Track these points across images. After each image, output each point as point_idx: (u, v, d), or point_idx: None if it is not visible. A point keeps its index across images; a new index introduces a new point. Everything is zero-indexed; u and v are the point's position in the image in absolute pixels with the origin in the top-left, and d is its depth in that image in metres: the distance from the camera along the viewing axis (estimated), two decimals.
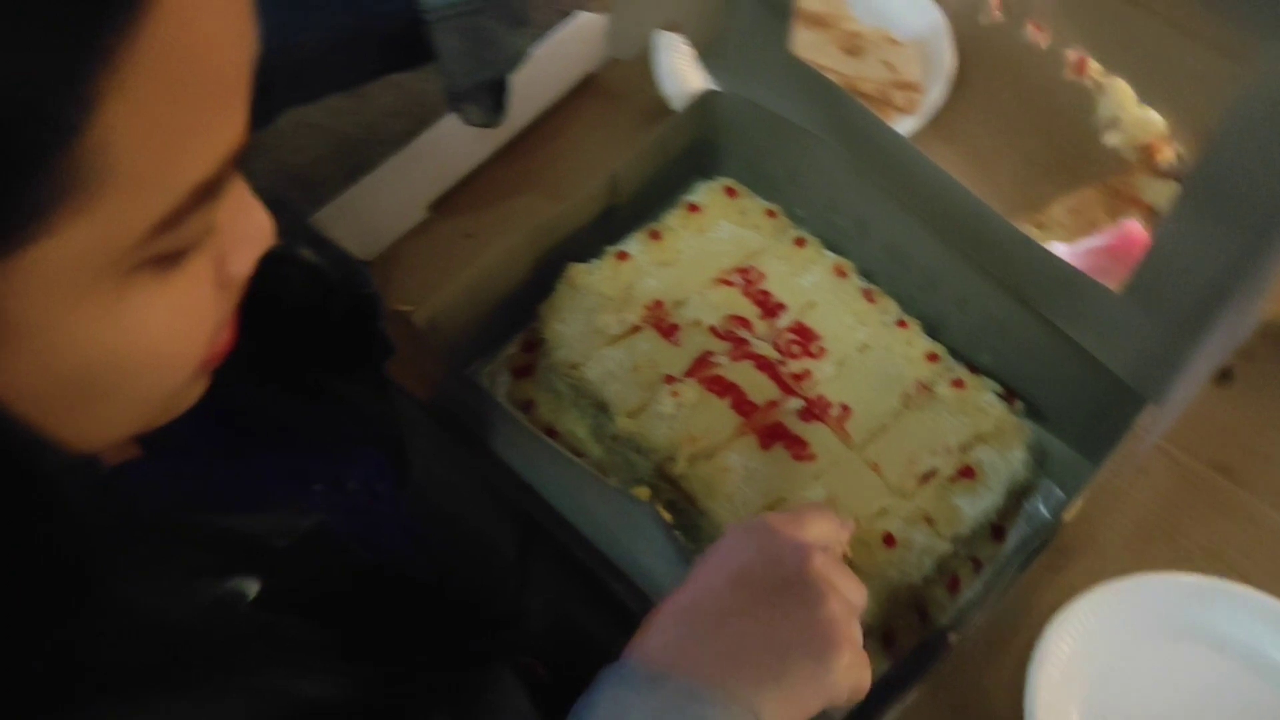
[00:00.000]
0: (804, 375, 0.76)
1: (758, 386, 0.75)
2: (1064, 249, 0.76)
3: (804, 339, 0.77)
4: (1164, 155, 0.86)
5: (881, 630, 0.70)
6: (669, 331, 0.77)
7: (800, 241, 0.82)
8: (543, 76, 0.93)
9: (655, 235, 0.81)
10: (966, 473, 0.72)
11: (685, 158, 0.85)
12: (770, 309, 0.79)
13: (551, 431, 0.77)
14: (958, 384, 0.76)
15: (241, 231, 0.36)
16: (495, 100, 0.74)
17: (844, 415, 0.74)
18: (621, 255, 0.80)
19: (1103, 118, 0.89)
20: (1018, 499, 0.75)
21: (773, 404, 0.74)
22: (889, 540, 0.70)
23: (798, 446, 0.72)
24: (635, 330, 0.77)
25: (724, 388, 0.74)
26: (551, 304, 0.78)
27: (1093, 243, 0.77)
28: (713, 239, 0.82)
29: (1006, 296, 0.74)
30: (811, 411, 0.74)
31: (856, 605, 0.51)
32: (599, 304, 0.77)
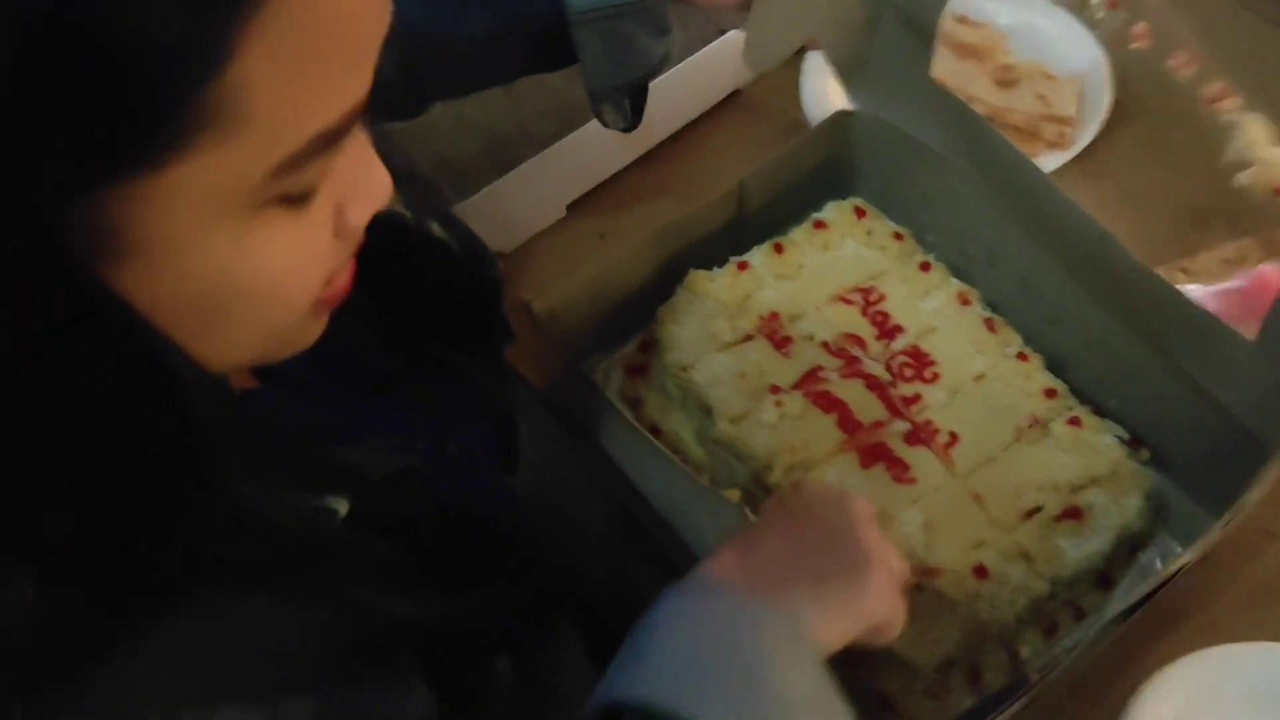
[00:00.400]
0: (914, 399, 0.75)
1: (865, 405, 0.74)
2: (1196, 290, 0.73)
3: (918, 363, 0.77)
4: None
5: (968, 665, 0.68)
6: (781, 343, 0.77)
7: (925, 266, 0.82)
8: (689, 88, 0.95)
9: (779, 248, 0.82)
10: (1073, 513, 0.70)
11: (818, 175, 0.85)
12: (887, 330, 0.78)
13: (656, 430, 0.78)
14: (1074, 422, 0.74)
15: (362, 185, 0.39)
16: (633, 105, 0.76)
17: (951, 442, 0.73)
18: (742, 265, 0.81)
19: (1234, 156, 0.85)
20: (1130, 549, 0.72)
21: (878, 424, 0.74)
22: (980, 571, 0.68)
23: (899, 468, 0.72)
24: (748, 339, 0.77)
25: (830, 403, 0.74)
26: (670, 307, 0.80)
27: (1226, 286, 0.74)
28: (836, 256, 0.82)
29: (1137, 339, 0.72)
30: (918, 435, 0.73)
31: (892, 552, 0.56)
32: (715, 310, 0.78)
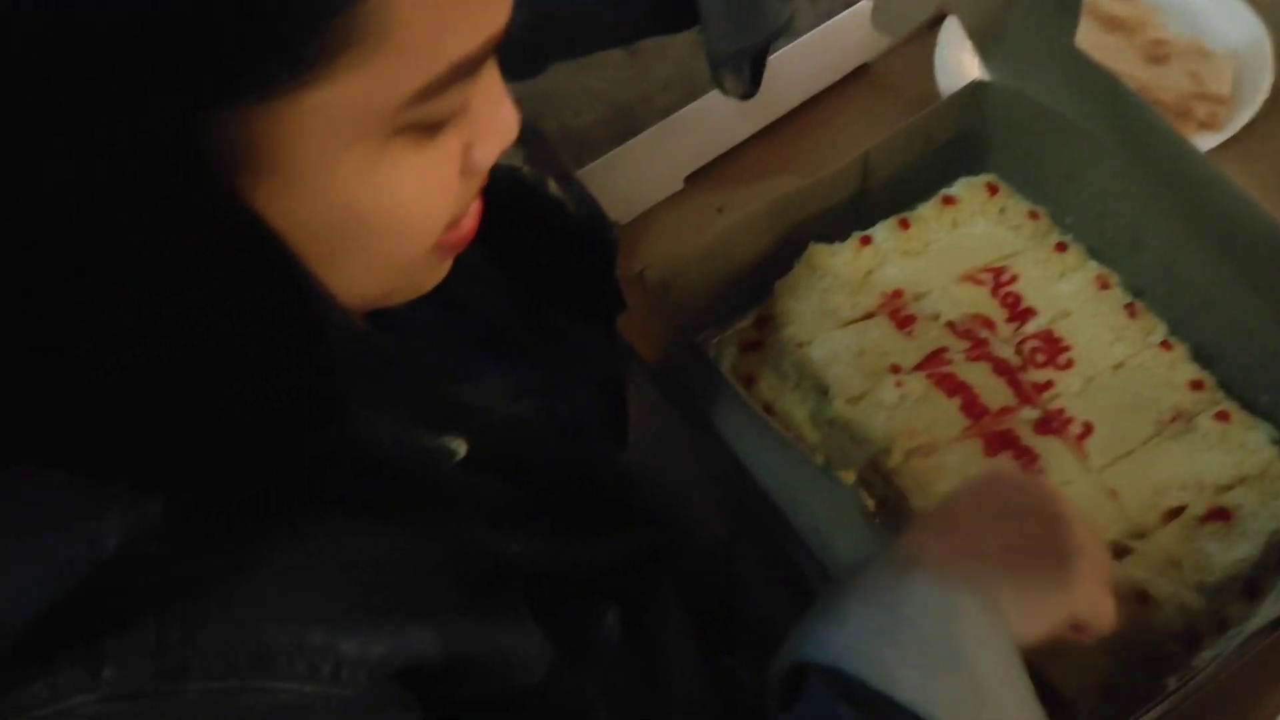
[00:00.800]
0: (1046, 385, 0.71)
1: (992, 390, 0.70)
2: None
3: (1051, 348, 0.72)
4: None
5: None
6: (904, 322, 0.74)
7: (1061, 246, 0.77)
8: (815, 61, 0.91)
9: (904, 224, 0.78)
10: (1219, 514, 0.65)
11: (949, 149, 0.81)
12: (1019, 313, 0.74)
13: (769, 410, 0.75)
14: (1222, 417, 0.68)
15: (491, 122, 0.39)
16: (753, 73, 0.74)
17: (1085, 434, 0.69)
18: (865, 240, 0.77)
19: None
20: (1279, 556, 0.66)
21: (1006, 410, 0.70)
22: (1143, 598, 0.63)
23: (1027, 458, 0.67)
24: (869, 316, 0.74)
25: (954, 386, 0.70)
26: (788, 281, 0.77)
27: None
28: (966, 234, 0.78)
29: None
30: (1048, 424, 0.69)
31: (1100, 547, 0.53)
32: (835, 286, 0.75)
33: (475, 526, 0.43)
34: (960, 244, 0.77)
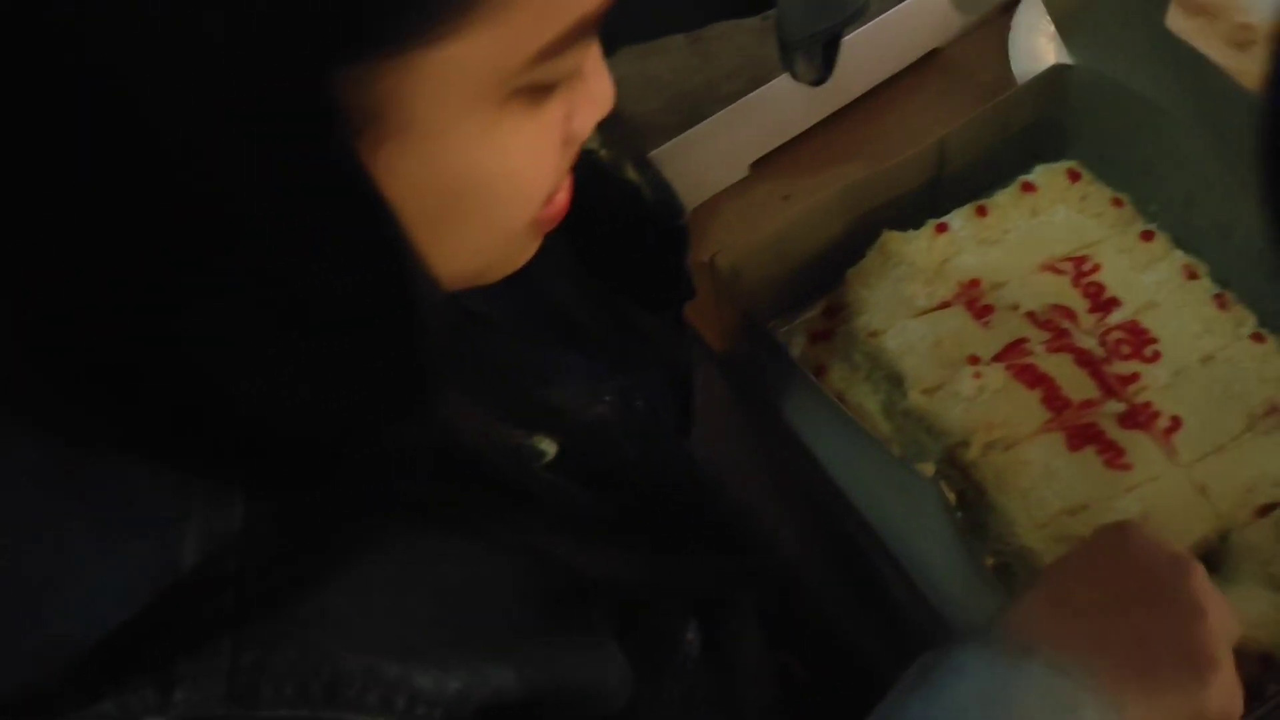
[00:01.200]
0: (1131, 378, 0.68)
1: (1075, 382, 0.68)
2: None
3: (1136, 340, 0.70)
4: None
5: None
6: (982, 312, 0.71)
7: (1147, 235, 0.74)
8: (884, 45, 0.89)
9: (981, 211, 0.76)
10: None
11: (1027, 135, 0.79)
12: (1102, 304, 0.72)
13: (840, 400, 0.73)
14: None
15: (591, 90, 0.38)
16: (827, 57, 0.72)
17: (1173, 428, 0.66)
18: (941, 227, 0.75)
19: None
20: None
21: (1089, 403, 0.67)
22: None
23: (1112, 453, 0.65)
24: (945, 306, 0.72)
25: (1035, 378, 0.68)
26: (860, 269, 0.75)
27: None
28: (1045, 223, 0.75)
29: None
30: (1134, 418, 0.67)
31: (1233, 631, 0.48)
32: (910, 274, 0.73)
33: (560, 540, 0.41)
34: (1040, 232, 0.75)
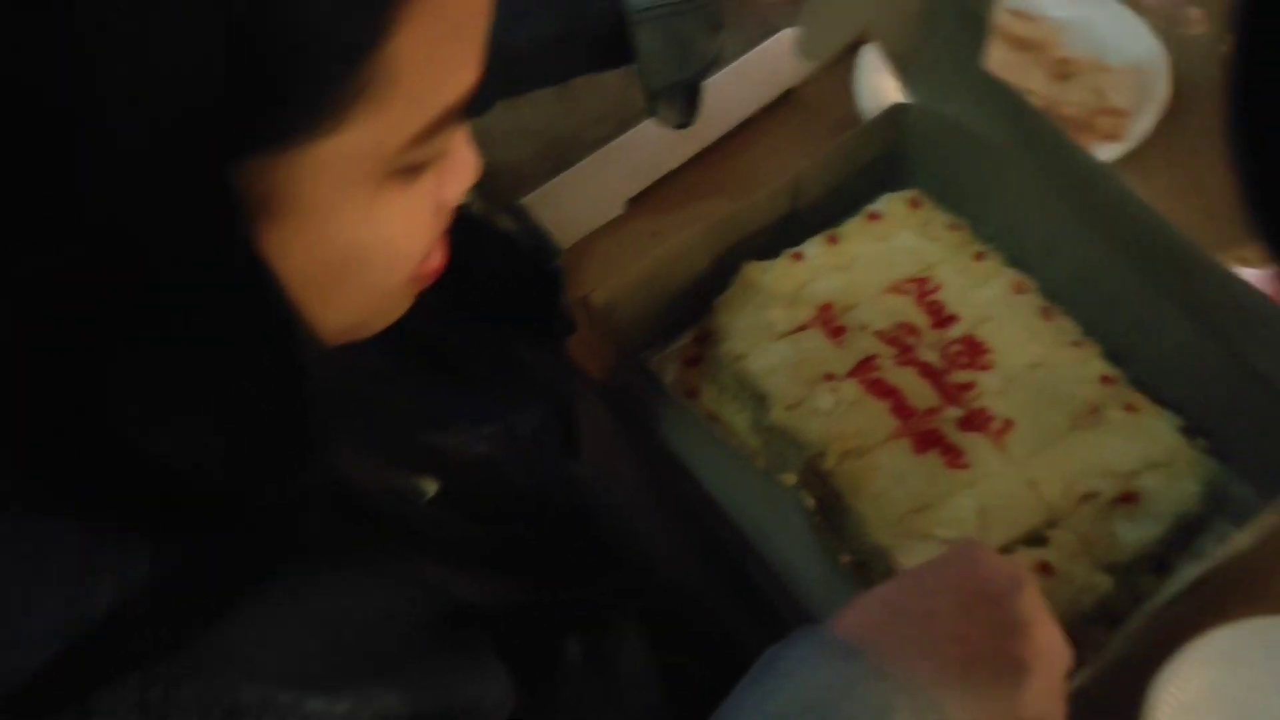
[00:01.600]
0: (968, 386, 0.75)
1: (919, 392, 0.75)
2: (1252, 275, 0.73)
3: (972, 351, 0.77)
4: None
5: None
6: (836, 333, 0.78)
7: (981, 256, 0.82)
8: (743, 88, 0.96)
9: (833, 240, 0.83)
10: (1129, 498, 0.70)
11: (873, 168, 0.86)
12: (942, 320, 0.79)
13: (712, 420, 0.79)
14: (1130, 408, 0.74)
15: (459, 162, 0.43)
16: (689, 102, 0.78)
17: (1005, 429, 0.73)
18: (797, 256, 0.82)
19: None
20: (1186, 535, 0.72)
21: (932, 411, 0.74)
22: (1045, 569, 0.68)
23: (952, 455, 0.72)
24: (802, 328, 0.78)
25: (884, 390, 0.75)
26: (725, 298, 0.81)
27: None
28: (891, 248, 0.82)
29: (1195, 326, 0.72)
30: (972, 422, 0.74)
31: (1062, 652, 0.51)
32: (770, 301, 0.79)
33: (443, 571, 0.45)
34: (886, 257, 0.82)
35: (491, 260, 0.62)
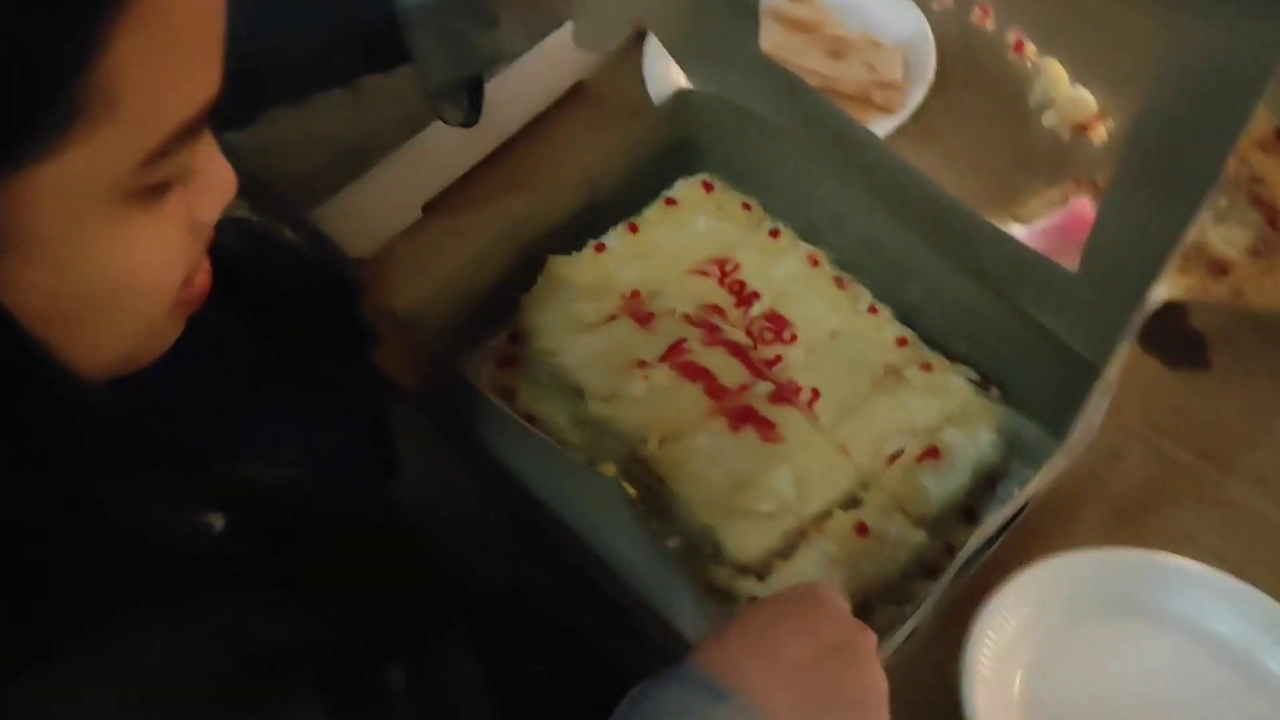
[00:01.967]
0: (775, 360, 0.78)
1: (729, 371, 0.77)
2: (1021, 231, 0.78)
3: (776, 326, 0.79)
4: (1097, 134, 0.88)
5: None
6: (644, 320, 0.79)
7: (775, 233, 0.84)
8: (533, 83, 0.96)
9: (633, 228, 0.84)
10: (932, 453, 0.73)
11: (666, 155, 0.87)
12: (744, 298, 0.81)
13: (532, 419, 0.79)
14: (926, 367, 0.77)
15: (211, 181, 0.41)
16: (472, 100, 0.77)
17: (814, 399, 0.76)
18: (600, 247, 0.82)
19: (1038, 99, 0.92)
20: (989, 482, 0.76)
21: (743, 388, 0.76)
22: (862, 529, 0.71)
23: (766, 429, 0.74)
24: (611, 319, 0.79)
25: (695, 372, 0.76)
26: (533, 295, 0.81)
27: (1046, 223, 0.79)
28: (689, 232, 0.84)
29: (973, 283, 0.76)
30: (781, 395, 0.76)
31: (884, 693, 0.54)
32: (577, 294, 0.79)
33: (243, 609, 0.43)
34: (685, 241, 0.83)
35: (280, 275, 0.60)
